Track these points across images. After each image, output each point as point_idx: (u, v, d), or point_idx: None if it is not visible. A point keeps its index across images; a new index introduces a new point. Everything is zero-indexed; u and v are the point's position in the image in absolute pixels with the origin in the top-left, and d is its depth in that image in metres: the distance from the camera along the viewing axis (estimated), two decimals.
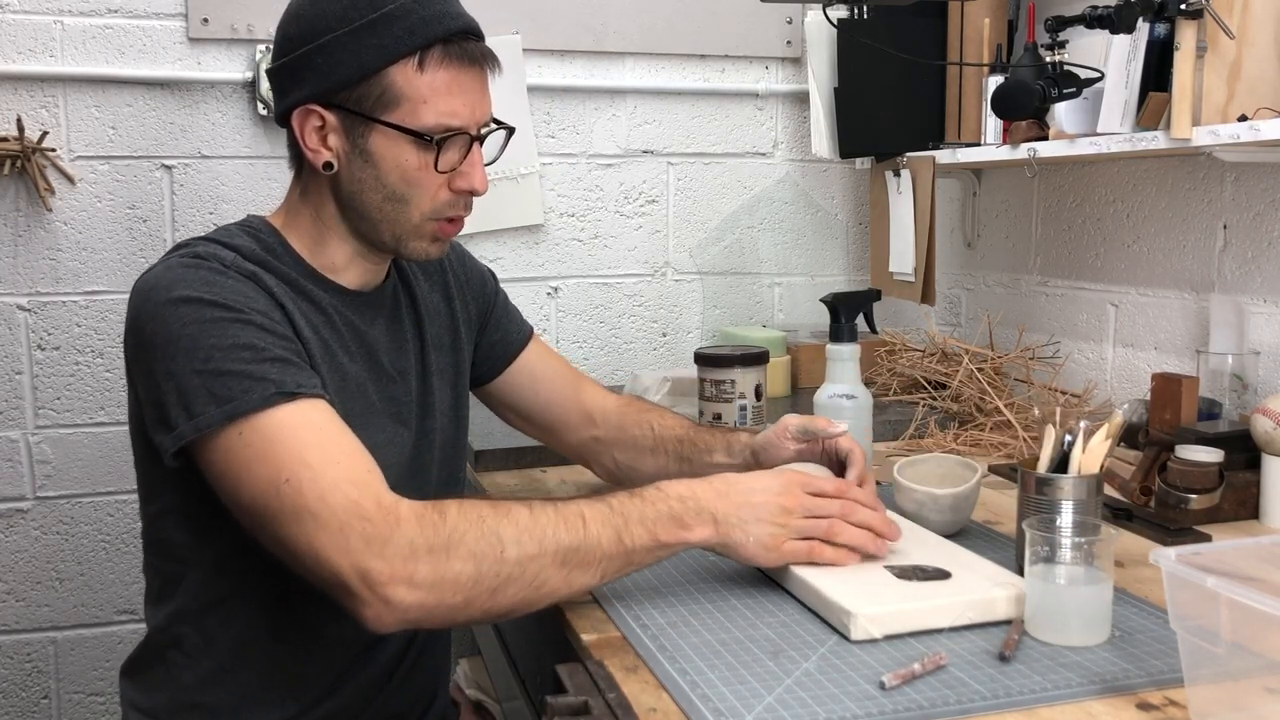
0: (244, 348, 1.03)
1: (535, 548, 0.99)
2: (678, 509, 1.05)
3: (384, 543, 0.95)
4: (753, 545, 1.07)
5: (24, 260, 2.03)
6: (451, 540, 0.97)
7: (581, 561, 1.01)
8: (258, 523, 1.01)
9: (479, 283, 1.42)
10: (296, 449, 0.99)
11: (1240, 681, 0.80)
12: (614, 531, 1.02)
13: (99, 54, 2.03)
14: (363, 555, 0.95)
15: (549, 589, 1.00)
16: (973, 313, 2.36)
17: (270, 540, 1.01)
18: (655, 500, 1.05)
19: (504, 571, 0.98)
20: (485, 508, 1.01)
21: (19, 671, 2.11)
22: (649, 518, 1.04)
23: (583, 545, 1.01)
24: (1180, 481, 1.32)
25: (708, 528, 1.06)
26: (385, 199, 1.15)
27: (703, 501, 1.06)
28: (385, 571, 0.95)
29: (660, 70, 2.34)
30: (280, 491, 0.98)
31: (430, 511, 0.98)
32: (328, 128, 1.14)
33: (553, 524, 1.00)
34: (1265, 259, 1.66)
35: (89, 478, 2.10)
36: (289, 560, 1.00)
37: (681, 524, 1.05)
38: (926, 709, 0.86)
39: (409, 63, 1.11)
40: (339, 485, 0.97)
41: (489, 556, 0.97)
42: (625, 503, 1.04)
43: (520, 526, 0.99)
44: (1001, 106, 1.71)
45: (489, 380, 1.44)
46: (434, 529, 0.97)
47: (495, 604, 0.99)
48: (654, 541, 1.04)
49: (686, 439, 1.38)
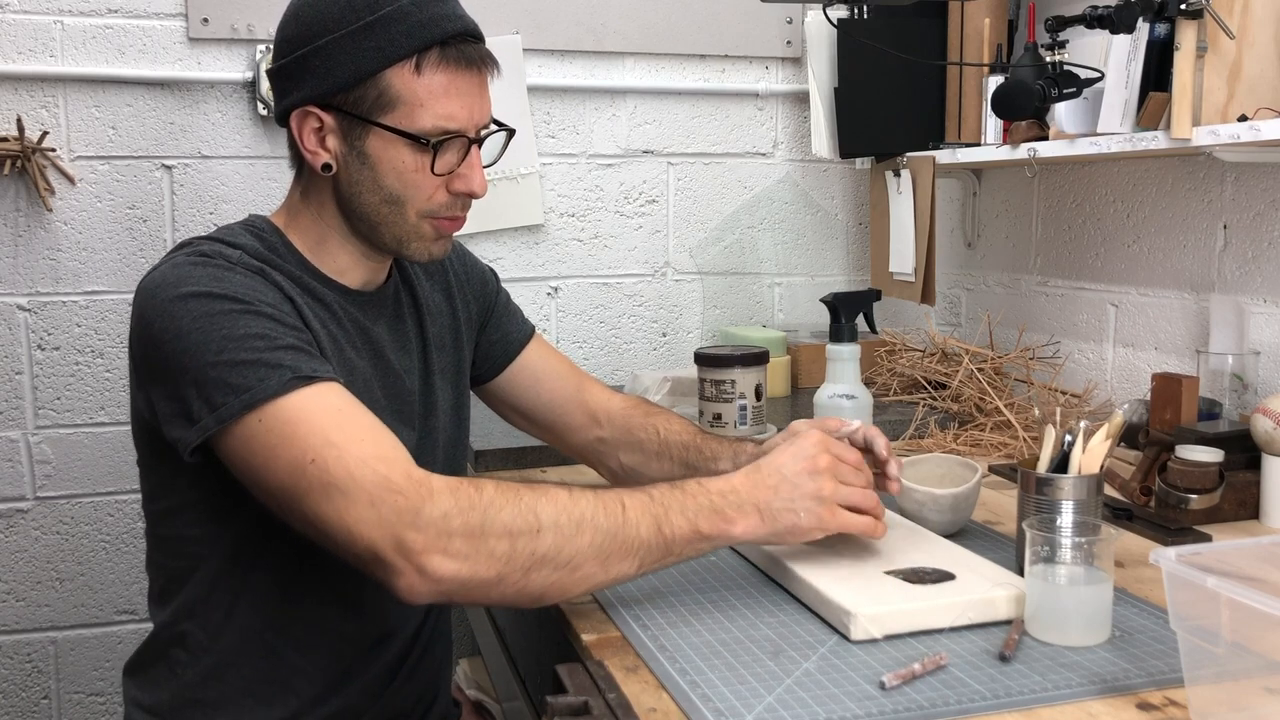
0: (256, 337, 1.03)
1: (572, 529, 0.98)
2: (719, 502, 1.04)
3: (416, 513, 0.95)
4: (806, 520, 1.06)
5: (24, 260, 2.03)
6: (488, 514, 0.96)
7: (619, 548, 1.00)
8: (286, 506, 1.01)
9: (480, 281, 1.42)
10: (319, 429, 0.99)
11: (1240, 681, 0.81)
12: (653, 520, 1.01)
13: (99, 54, 2.03)
14: (397, 526, 0.95)
15: (584, 573, 0.99)
16: (973, 313, 2.36)
17: (301, 521, 1.00)
18: (696, 493, 1.04)
19: (539, 550, 0.97)
20: (523, 487, 1.00)
21: (19, 671, 2.11)
22: (690, 509, 1.03)
23: (621, 531, 0.99)
24: (1180, 481, 1.32)
25: (751, 519, 1.04)
26: (382, 201, 1.16)
27: (742, 494, 1.05)
28: (421, 541, 0.95)
29: (660, 70, 2.34)
30: (307, 472, 0.98)
31: (466, 485, 0.98)
32: (326, 129, 1.14)
33: (591, 508, 0.99)
34: (1265, 259, 1.66)
35: (89, 478, 2.10)
36: (321, 539, 1.00)
37: (724, 517, 1.04)
38: (926, 709, 0.86)
39: (406, 65, 1.11)
40: (366, 461, 0.97)
41: (525, 534, 0.97)
42: (666, 494, 1.04)
43: (559, 507, 0.98)
44: (1001, 106, 1.71)
45: (490, 379, 1.44)
46: (469, 501, 0.96)
47: (529, 583, 0.98)
48: (695, 533, 1.02)
49: (692, 445, 1.37)
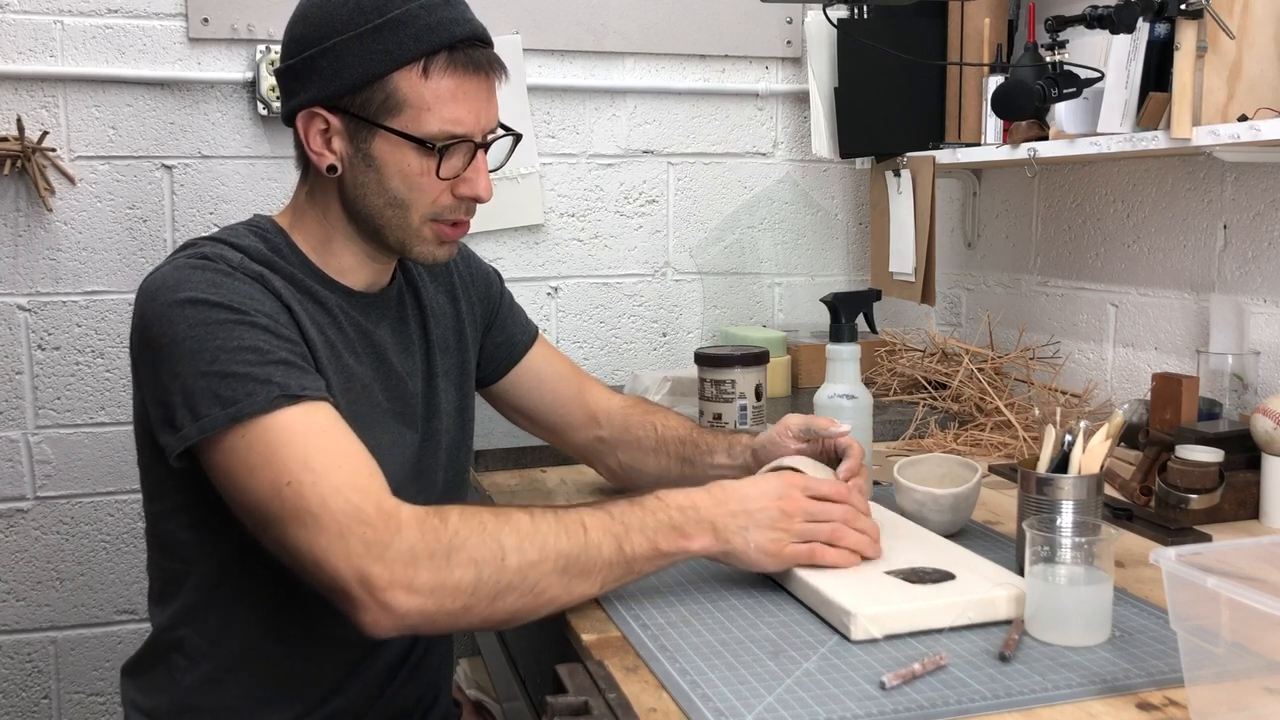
0: (249, 350, 1.03)
1: (536, 555, 0.99)
2: (678, 519, 1.05)
3: (384, 547, 0.95)
4: (754, 551, 1.07)
5: (24, 260, 2.03)
6: (453, 546, 0.97)
7: (582, 569, 1.01)
8: (260, 525, 1.01)
9: (484, 283, 1.42)
10: (299, 452, 0.99)
11: (1240, 681, 0.80)
12: (614, 540, 1.02)
13: (99, 54, 2.03)
14: (363, 560, 0.95)
15: (549, 596, 1.00)
16: (973, 313, 2.36)
17: (272, 543, 1.01)
18: (656, 509, 1.05)
19: (504, 579, 0.98)
20: (487, 514, 1.01)
21: (19, 671, 2.11)
22: (649, 526, 1.04)
23: (583, 553, 1.01)
24: (1180, 481, 1.32)
25: (707, 536, 1.06)
26: (387, 203, 1.15)
27: (702, 510, 1.06)
28: (385, 576, 0.95)
29: (660, 70, 2.34)
30: (282, 494, 0.98)
31: (431, 517, 0.98)
32: (332, 131, 1.14)
33: (554, 531, 1.00)
34: (1265, 259, 1.66)
35: (89, 478, 2.10)
36: (290, 563, 1.01)
37: (682, 533, 1.05)
38: (926, 709, 0.86)
39: (414, 69, 1.11)
40: (340, 489, 0.97)
41: (490, 563, 0.97)
42: (626, 511, 1.04)
43: (522, 533, 0.99)
44: (1001, 106, 1.71)
45: (494, 381, 1.44)
46: (435, 534, 0.97)
47: (495, 611, 0.99)
48: (654, 550, 1.04)
49: (688, 440, 1.38)
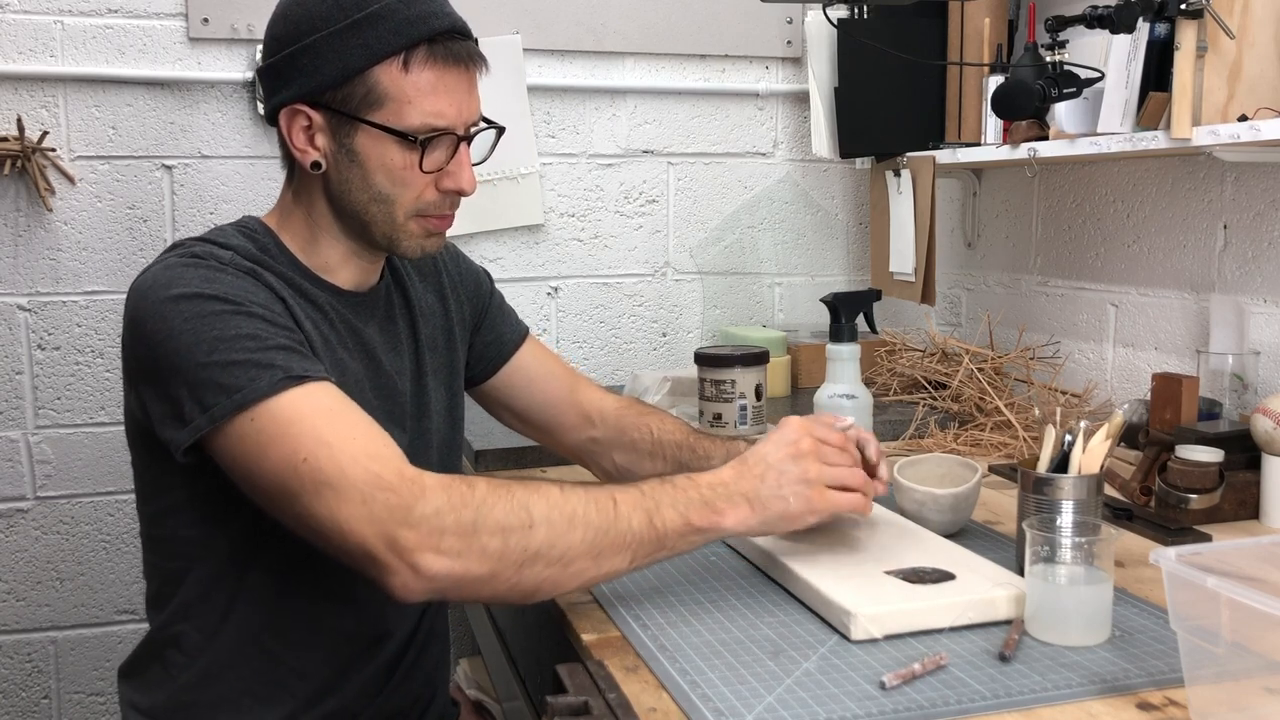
0: (247, 337, 1.03)
1: (564, 525, 0.98)
2: (709, 495, 1.05)
3: (408, 510, 0.95)
4: (796, 505, 1.06)
5: (24, 260, 2.03)
6: (480, 511, 0.96)
7: (612, 543, 1.00)
8: (278, 504, 1.01)
9: (473, 283, 1.42)
10: (311, 428, 0.99)
11: (1240, 681, 0.80)
12: (645, 514, 1.01)
13: (99, 54, 2.03)
14: (388, 524, 0.95)
15: (577, 569, 0.99)
16: (973, 313, 2.36)
17: (293, 520, 1.00)
18: (686, 487, 1.05)
19: (532, 546, 0.97)
20: (515, 484, 1.00)
21: (19, 671, 2.11)
22: (680, 502, 1.03)
23: (613, 526, 1.00)
24: (1180, 481, 1.32)
25: (742, 509, 1.05)
26: (371, 199, 1.15)
27: (732, 485, 1.06)
28: (413, 538, 0.95)
29: (660, 70, 2.34)
30: (299, 470, 0.98)
31: (458, 482, 0.98)
32: (314, 127, 1.14)
33: (583, 503, 1.00)
34: (1265, 259, 1.66)
35: (89, 478, 2.10)
36: (314, 538, 1.00)
37: (714, 509, 1.04)
38: (926, 709, 0.86)
39: (394, 63, 1.11)
40: (358, 459, 0.97)
41: (517, 530, 0.97)
42: (656, 488, 1.04)
43: (551, 503, 0.99)
44: (1001, 106, 1.71)
45: (484, 380, 1.44)
46: (462, 499, 0.96)
47: (522, 579, 0.98)
48: (686, 525, 1.03)
49: (685, 445, 1.38)
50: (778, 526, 1.08)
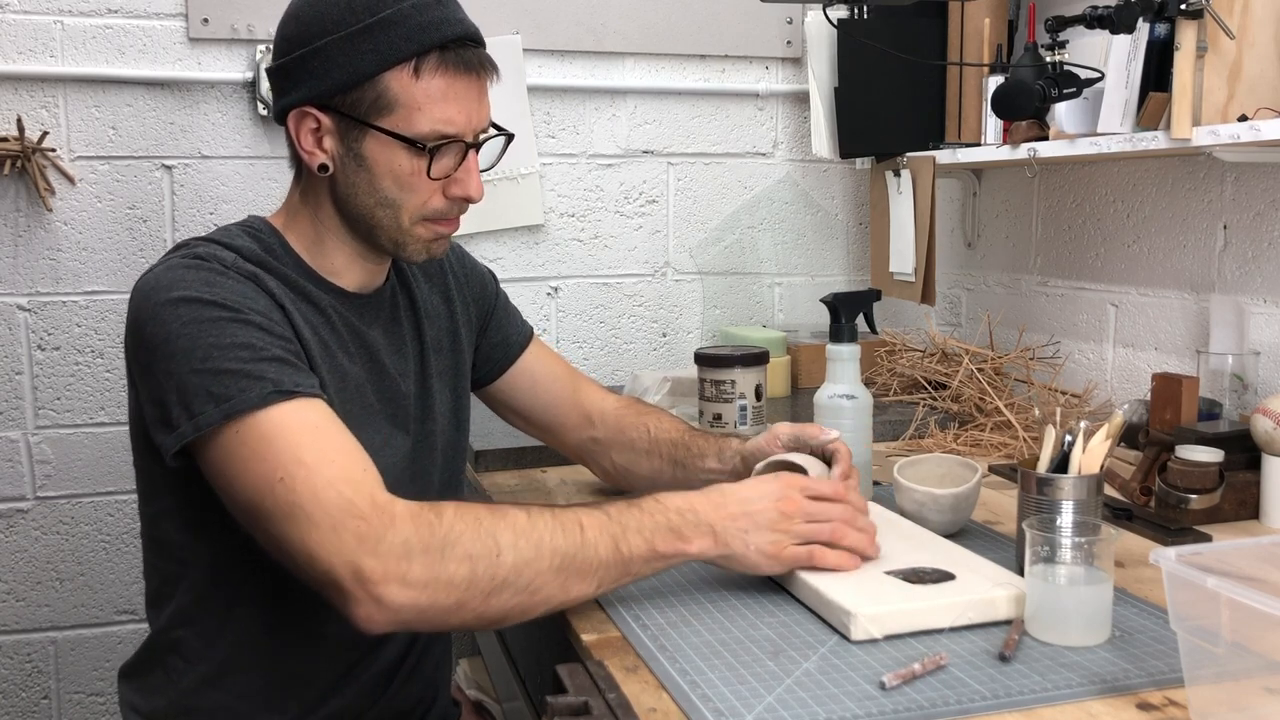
0: (242, 347, 1.03)
1: (532, 552, 0.98)
2: (676, 521, 1.05)
3: (377, 541, 0.95)
4: (754, 554, 1.07)
5: (24, 260, 2.03)
6: (447, 541, 0.96)
7: (578, 569, 1.00)
8: (253, 521, 1.01)
9: (479, 284, 1.42)
10: (292, 447, 0.99)
11: (1240, 681, 0.80)
12: (611, 540, 1.02)
13: (99, 54, 2.03)
14: (356, 553, 0.95)
15: (544, 595, 1.00)
16: (973, 313, 2.36)
17: (265, 539, 1.01)
18: (654, 511, 1.05)
19: (499, 575, 0.97)
20: (482, 510, 1.00)
21: (19, 671, 2.11)
22: (647, 528, 1.03)
23: (580, 552, 1.00)
24: (1180, 481, 1.32)
25: (706, 539, 1.05)
26: (378, 203, 1.15)
27: (701, 514, 1.06)
28: (378, 570, 0.95)
29: (660, 70, 2.34)
30: (274, 489, 0.98)
31: (426, 511, 0.98)
32: (323, 130, 1.14)
33: (550, 530, 1.00)
34: (1265, 259, 1.66)
35: (89, 478, 2.10)
36: (283, 559, 1.00)
37: (680, 536, 1.04)
38: (926, 709, 0.86)
39: (405, 69, 1.11)
40: (333, 484, 0.97)
41: (485, 559, 0.97)
42: (623, 512, 1.04)
43: (518, 530, 0.99)
44: (1001, 106, 1.71)
45: (490, 382, 1.44)
46: (429, 529, 0.97)
47: (489, 608, 0.98)
48: (651, 552, 1.03)
49: (680, 443, 1.38)
50: (733, 566, 1.08)
